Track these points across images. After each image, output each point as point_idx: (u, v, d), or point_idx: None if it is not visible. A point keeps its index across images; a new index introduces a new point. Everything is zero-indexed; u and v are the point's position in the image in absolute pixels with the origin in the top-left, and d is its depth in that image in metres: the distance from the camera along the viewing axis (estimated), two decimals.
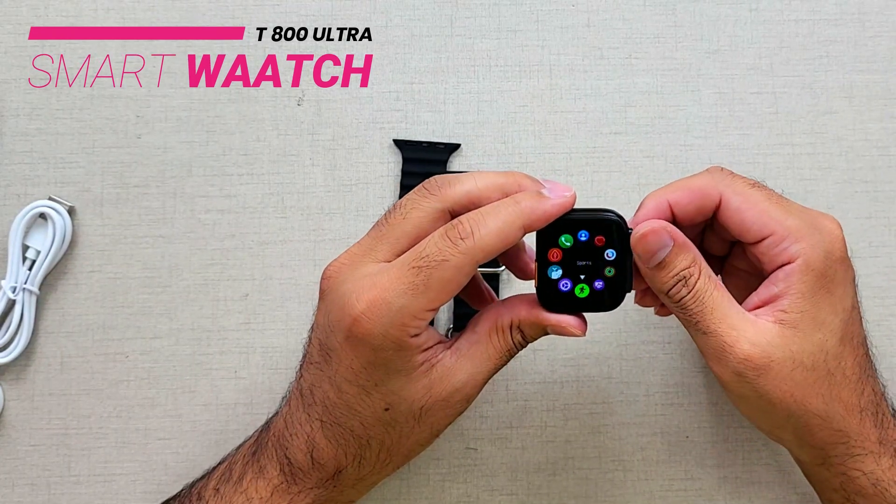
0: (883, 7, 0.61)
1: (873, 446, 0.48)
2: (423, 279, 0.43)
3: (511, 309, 0.47)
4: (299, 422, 0.47)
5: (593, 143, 0.60)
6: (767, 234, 0.46)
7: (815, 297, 0.46)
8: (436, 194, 0.45)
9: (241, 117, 0.60)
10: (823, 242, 0.46)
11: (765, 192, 0.47)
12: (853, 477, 0.48)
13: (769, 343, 0.45)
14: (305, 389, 0.47)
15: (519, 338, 0.47)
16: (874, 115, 0.60)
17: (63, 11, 0.60)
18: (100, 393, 0.58)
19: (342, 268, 0.46)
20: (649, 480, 0.57)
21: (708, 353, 0.46)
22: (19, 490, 0.57)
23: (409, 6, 0.61)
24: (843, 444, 0.48)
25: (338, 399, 0.46)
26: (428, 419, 0.46)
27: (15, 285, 0.57)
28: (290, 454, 0.48)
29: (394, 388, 0.45)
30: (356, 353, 0.44)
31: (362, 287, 0.44)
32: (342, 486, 0.48)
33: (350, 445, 0.47)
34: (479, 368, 0.46)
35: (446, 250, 0.43)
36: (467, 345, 0.46)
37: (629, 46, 0.61)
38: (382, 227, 0.46)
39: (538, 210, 0.44)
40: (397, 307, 0.43)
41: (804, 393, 0.46)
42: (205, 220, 0.59)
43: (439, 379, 0.45)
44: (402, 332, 0.43)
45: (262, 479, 0.48)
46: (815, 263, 0.45)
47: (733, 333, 0.45)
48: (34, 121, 0.59)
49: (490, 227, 0.43)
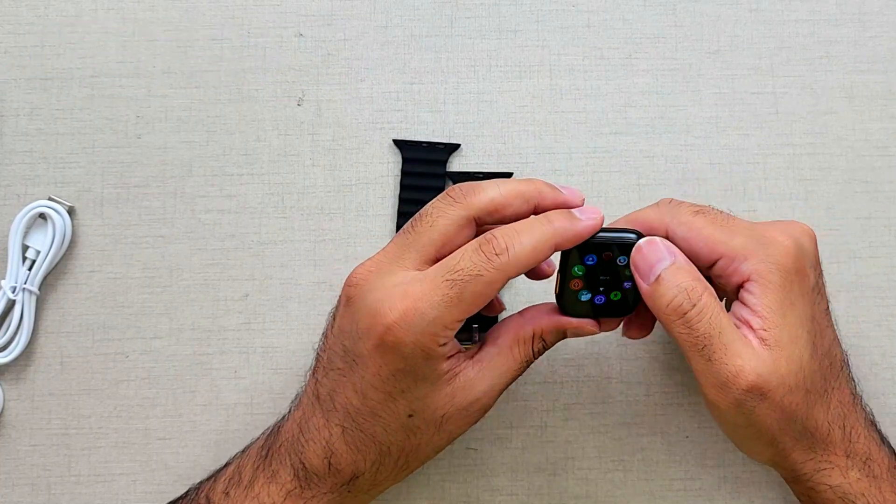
0: (883, 7, 0.61)
1: (840, 460, 0.48)
2: (457, 292, 0.44)
3: (532, 320, 0.48)
4: (316, 427, 0.47)
5: (593, 144, 0.60)
6: (716, 258, 0.47)
7: (782, 310, 0.46)
8: (461, 202, 0.46)
9: (241, 117, 0.60)
10: (771, 256, 0.46)
11: (709, 216, 0.48)
12: (820, 491, 0.48)
13: (767, 370, 0.45)
14: (324, 395, 0.47)
15: (540, 346, 0.48)
16: (874, 115, 0.60)
17: (63, 11, 0.60)
18: (100, 393, 0.58)
19: (369, 275, 0.46)
20: (649, 480, 0.57)
21: (709, 380, 0.45)
22: (19, 490, 0.57)
23: (409, 6, 0.61)
24: (811, 461, 0.48)
25: (362, 405, 0.46)
26: (447, 426, 0.47)
27: (15, 285, 0.57)
28: (305, 459, 0.48)
29: (419, 395, 0.46)
30: (385, 360, 0.45)
31: (394, 296, 0.44)
32: (356, 490, 0.48)
33: (370, 451, 0.47)
34: (499, 379, 0.47)
35: (481, 265, 0.44)
36: (489, 356, 0.47)
37: (629, 46, 0.61)
38: (409, 235, 0.46)
39: (570, 231, 0.46)
40: (430, 318, 0.44)
41: (787, 417, 0.46)
42: (205, 220, 0.59)
43: (461, 388, 0.46)
44: (432, 341, 0.44)
45: (274, 483, 0.48)
46: (769, 277, 0.46)
47: (738, 362, 0.45)
48: (34, 121, 0.59)
49: (525, 244, 0.44)
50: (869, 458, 0.49)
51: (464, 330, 0.56)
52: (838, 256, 0.59)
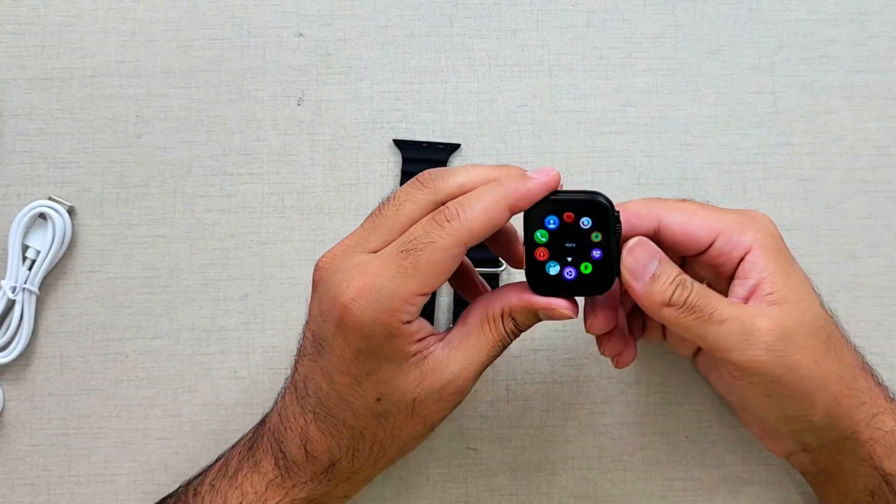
0: (883, 7, 0.61)
1: (884, 403, 0.49)
2: (412, 262, 0.43)
3: (501, 297, 0.47)
4: (293, 415, 0.48)
5: (593, 143, 0.60)
6: (716, 235, 0.47)
7: (786, 272, 0.47)
8: (429, 186, 0.45)
9: (241, 117, 0.60)
10: (764, 227, 0.48)
11: (696, 202, 0.49)
12: (878, 438, 0.48)
13: (781, 318, 0.45)
14: (299, 382, 0.48)
15: (511, 326, 0.47)
16: (874, 115, 0.60)
17: (63, 11, 0.60)
18: (100, 393, 0.58)
19: (334, 259, 0.46)
20: (649, 480, 0.57)
21: (729, 343, 0.45)
22: (19, 490, 0.57)
23: (409, 6, 0.61)
24: (864, 406, 0.48)
25: (330, 390, 0.46)
26: (421, 412, 0.46)
27: (15, 285, 0.57)
28: (284, 447, 0.48)
29: (385, 377, 0.45)
30: (347, 341, 0.44)
31: (352, 275, 0.44)
32: (336, 479, 0.48)
33: (343, 437, 0.47)
34: (472, 360, 0.46)
35: (433, 233, 0.43)
36: (459, 336, 0.46)
37: (629, 46, 0.61)
38: (376, 219, 0.46)
39: (521, 189, 0.45)
40: (387, 292, 0.43)
41: (823, 357, 0.46)
42: (205, 220, 0.59)
43: (431, 370, 0.45)
44: (392, 317, 0.43)
45: (256, 473, 0.48)
46: (769, 244, 0.47)
47: (752, 311, 0.45)
48: (34, 121, 0.59)
49: (475, 208, 0.44)
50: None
51: None
52: (838, 256, 0.59)
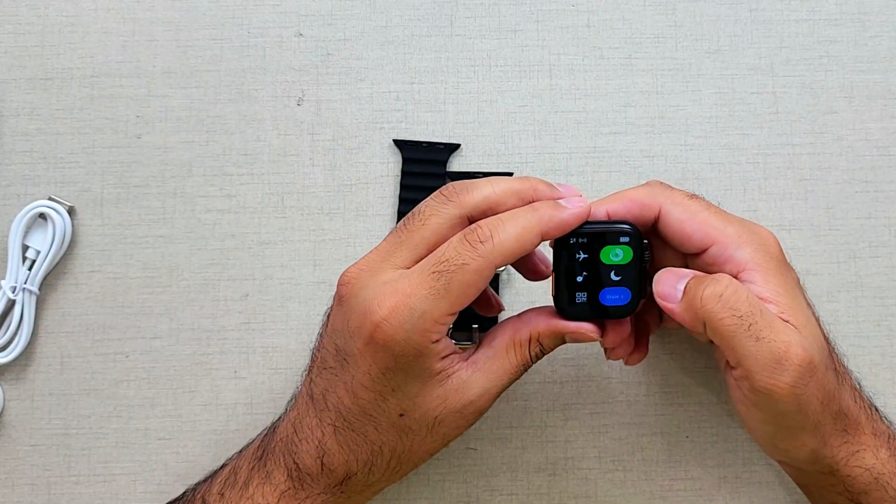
0: (883, 7, 0.61)
1: (869, 440, 0.48)
2: (444, 283, 0.43)
3: (528, 323, 0.47)
4: (309, 427, 0.47)
5: (593, 143, 0.60)
6: (710, 244, 0.46)
7: (789, 294, 0.46)
8: (454, 200, 0.45)
9: (241, 117, 0.60)
10: (764, 246, 0.46)
11: (703, 202, 0.47)
12: (855, 476, 0.48)
13: (809, 345, 0.44)
14: (317, 394, 0.47)
15: (537, 350, 0.47)
16: (874, 115, 0.60)
17: (63, 11, 0.60)
18: (100, 393, 0.58)
19: (361, 273, 0.46)
20: (649, 480, 0.57)
21: (761, 362, 0.43)
22: (19, 490, 0.57)
23: (409, 6, 0.61)
24: (846, 444, 0.47)
25: (353, 404, 0.46)
26: (440, 429, 0.47)
27: (15, 285, 0.57)
28: (298, 459, 0.47)
29: (410, 394, 0.45)
30: (375, 358, 0.44)
31: (384, 293, 0.44)
32: (350, 491, 0.48)
33: (362, 451, 0.47)
34: (494, 383, 0.46)
35: (465, 254, 0.43)
36: (484, 358, 0.47)
37: (629, 46, 0.61)
38: (401, 234, 0.46)
39: (556, 219, 0.45)
40: (419, 312, 0.43)
41: (828, 398, 0.46)
42: (205, 220, 0.59)
43: (454, 390, 0.46)
44: (423, 337, 0.44)
45: (268, 484, 0.48)
46: (767, 265, 0.46)
47: (786, 338, 0.43)
48: (34, 121, 0.59)
49: (509, 232, 0.44)
50: (890, 436, 0.49)
51: (464, 330, 0.56)
52: (838, 256, 0.59)
